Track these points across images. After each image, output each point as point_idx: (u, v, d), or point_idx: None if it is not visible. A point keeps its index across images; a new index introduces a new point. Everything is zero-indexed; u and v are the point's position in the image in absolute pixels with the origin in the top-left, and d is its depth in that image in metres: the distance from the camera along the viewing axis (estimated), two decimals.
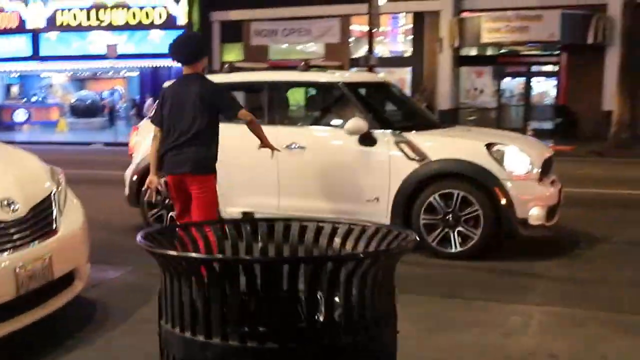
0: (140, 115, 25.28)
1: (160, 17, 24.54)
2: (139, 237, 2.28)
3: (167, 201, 7.05)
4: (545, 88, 22.81)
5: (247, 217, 6.39)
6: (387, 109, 7.32)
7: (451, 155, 6.26)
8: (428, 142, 6.37)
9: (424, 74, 21.80)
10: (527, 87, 22.43)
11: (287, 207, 6.69)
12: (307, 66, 6.97)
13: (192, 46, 4.97)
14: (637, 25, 18.70)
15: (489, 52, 22.49)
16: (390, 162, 6.35)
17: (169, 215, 7.07)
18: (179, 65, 4.92)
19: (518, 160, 6.22)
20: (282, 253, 2.54)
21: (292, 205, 6.68)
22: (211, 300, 2.10)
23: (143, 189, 6.62)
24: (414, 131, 6.52)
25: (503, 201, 6.07)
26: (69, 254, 4.30)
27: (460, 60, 22.25)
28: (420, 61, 22.26)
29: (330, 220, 2.60)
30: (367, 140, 6.40)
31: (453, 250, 6.16)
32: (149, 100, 25.07)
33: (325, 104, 7.10)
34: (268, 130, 6.62)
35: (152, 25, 24.61)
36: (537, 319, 4.64)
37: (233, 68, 7.06)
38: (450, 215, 6.17)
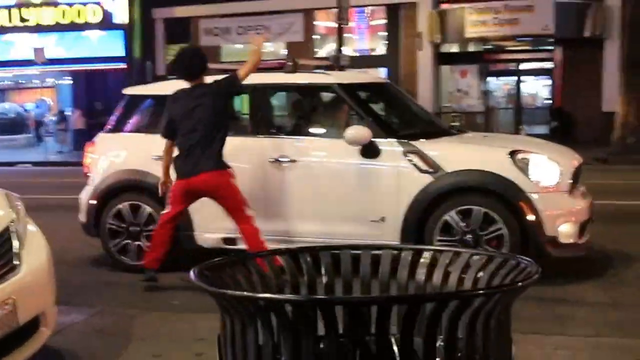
0: (66, 130, 24.80)
1: (94, 14, 24.18)
2: (192, 276, 2.12)
3: (132, 229, 6.95)
4: (537, 88, 23.11)
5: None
6: (390, 115, 7.24)
7: (469, 166, 6.22)
8: (441, 152, 6.32)
9: (401, 75, 21.86)
10: (518, 87, 22.68)
11: (277, 232, 6.56)
12: (295, 66, 6.85)
13: (196, 61, 6.07)
14: (638, 16, 19.05)
15: (474, 48, 22.72)
16: (399, 175, 6.28)
17: (135, 244, 6.95)
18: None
19: (546, 169, 6.19)
20: (369, 289, 2.41)
21: (283, 229, 6.57)
22: (282, 347, 1.98)
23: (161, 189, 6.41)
24: (423, 139, 6.47)
25: (530, 217, 6.03)
26: (34, 296, 4.09)
27: (442, 58, 22.41)
28: (396, 60, 22.34)
29: (408, 247, 2.47)
30: (370, 151, 6.32)
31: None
32: (76, 113, 24.61)
33: (319, 110, 7.03)
34: (252, 142, 6.62)
35: (86, 25, 24.23)
36: (587, 351, 4.56)
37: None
38: (470, 235, 6.11)
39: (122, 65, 23.98)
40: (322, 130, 6.88)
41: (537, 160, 6.19)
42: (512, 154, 6.18)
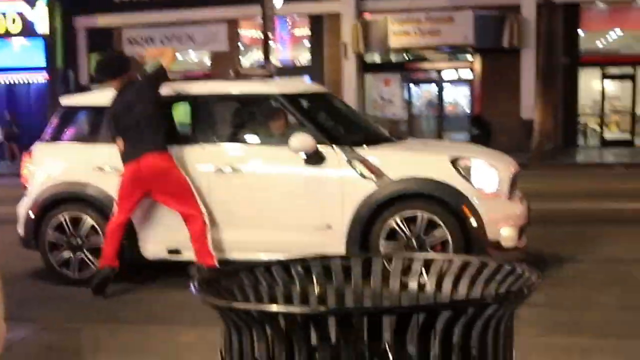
0: None
1: (13, 23, 23.50)
2: (193, 290, 2.07)
3: (73, 241, 6.79)
4: (458, 96, 23.53)
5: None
6: (332, 123, 7.25)
7: (413, 172, 6.27)
8: (384, 158, 6.36)
9: (326, 84, 21.96)
10: (439, 95, 23.04)
11: (222, 241, 6.51)
12: (238, 75, 6.82)
13: (116, 62, 6.71)
14: (552, 26, 19.72)
15: (397, 57, 22.99)
16: (343, 183, 6.30)
17: (77, 256, 6.79)
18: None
19: (487, 175, 6.30)
20: (362, 299, 2.39)
21: (228, 239, 6.52)
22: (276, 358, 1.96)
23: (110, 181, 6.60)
24: (365, 146, 6.49)
25: (472, 222, 6.12)
26: None
27: (365, 68, 22.64)
28: (321, 69, 22.43)
29: (399, 256, 2.46)
30: (314, 158, 6.32)
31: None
32: None
33: (261, 118, 6.98)
34: (194, 150, 6.54)
35: (7, 34, 23.59)
36: (537, 351, 4.65)
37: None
38: (415, 241, 6.16)
39: (44, 75, 23.41)
40: (265, 139, 6.85)
41: (478, 167, 6.29)
42: (454, 160, 6.27)
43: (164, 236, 6.63)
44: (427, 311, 1.95)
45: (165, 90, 6.69)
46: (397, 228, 6.18)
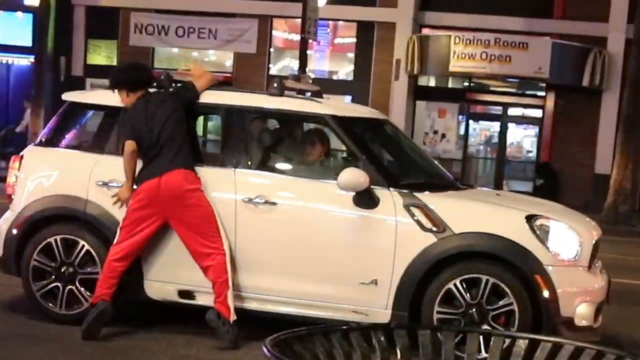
0: None
1: None
2: (265, 350, 2.12)
3: (64, 269, 6.83)
4: (523, 138, 23.50)
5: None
6: (390, 159, 7.37)
7: (480, 227, 6.34)
8: (449, 208, 6.45)
9: (370, 106, 22.07)
10: (502, 135, 22.93)
11: (245, 286, 6.58)
12: (282, 88, 6.93)
13: (142, 73, 7.06)
14: None
15: (456, 84, 23.12)
16: (397, 232, 6.36)
17: (66, 288, 6.83)
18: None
19: (566, 240, 6.35)
20: None
21: (253, 284, 6.59)
22: None
23: (113, 202, 6.71)
24: (427, 191, 6.59)
25: (545, 294, 6.17)
26: None
27: (418, 92, 22.67)
28: (365, 89, 22.41)
29: (497, 333, 2.50)
30: (366, 199, 6.40)
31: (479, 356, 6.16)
32: None
33: (307, 144, 7.09)
34: (223, 174, 6.65)
35: None
36: None
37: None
38: (475, 309, 6.22)
39: (29, 58, 23.33)
40: (308, 169, 6.95)
41: (558, 229, 6.34)
42: (530, 218, 6.33)
43: (175, 273, 6.69)
44: None
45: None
46: (455, 292, 6.23)
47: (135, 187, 6.57)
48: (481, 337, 2.68)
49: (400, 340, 2.48)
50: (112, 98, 7.00)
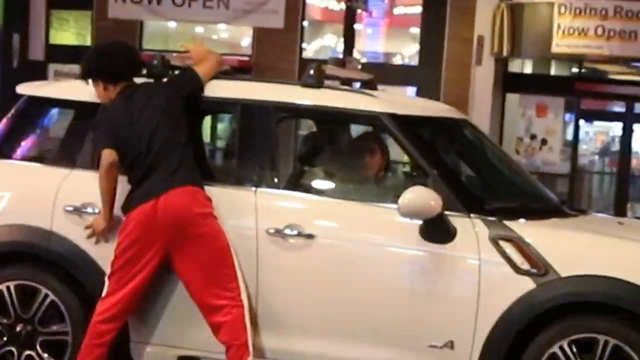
0: None
1: None
2: None
3: (20, 328, 6.89)
4: None
5: None
6: (471, 173, 7.36)
7: (597, 269, 6.30)
8: (553, 242, 6.46)
9: (443, 100, 21.87)
10: (626, 140, 22.67)
11: (271, 350, 6.65)
12: (320, 77, 6.97)
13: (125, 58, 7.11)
14: None
15: (561, 70, 23.01)
16: (481, 275, 6.37)
17: (23, 354, 6.90)
18: None
19: None
20: None
21: (282, 347, 6.65)
22: None
23: (87, 235, 6.82)
24: (523, 219, 6.60)
25: None
26: None
27: (509, 82, 22.50)
28: (435, 76, 22.34)
29: None
30: (437, 230, 6.43)
31: None
32: None
33: (354, 152, 7.12)
34: (239, 196, 6.73)
35: None
36: None
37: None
38: None
39: None
40: (358, 189, 7.01)
41: None
42: None
43: (175, 333, 6.76)
44: None
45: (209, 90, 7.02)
46: (562, 358, 6.21)
47: (121, 216, 6.65)
48: None
49: None
50: (86, 91, 7.07)
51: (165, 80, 7.01)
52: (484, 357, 6.32)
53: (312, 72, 7.01)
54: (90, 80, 6.91)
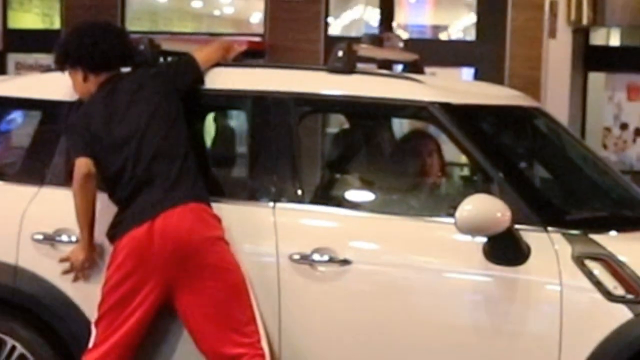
0: None
1: None
2: None
3: None
4: None
5: None
6: (546, 176, 7.37)
7: None
8: None
9: (509, 82, 21.97)
10: None
11: None
12: (352, 59, 7.01)
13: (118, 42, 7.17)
14: None
15: None
16: (563, 303, 6.37)
17: None
18: None
19: None
20: None
21: None
22: None
23: (62, 270, 6.85)
24: (614, 231, 6.61)
25: None
26: None
27: (591, 57, 22.50)
28: (498, 54, 22.42)
29: None
30: (506, 249, 6.44)
31: None
32: None
33: (399, 155, 7.12)
34: (254, 213, 6.77)
35: None
36: None
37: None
38: None
39: None
40: (403, 200, 7.04)
41: None
42: None
43: None
44: None
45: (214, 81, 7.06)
46: None
47: (106, 243, 6.70)
48: None
49: None
50: (56, 87, 7.14)
51: (155, 69, 7.03)
52: None
53: (340, 53, 7.04)
54: (67, 70, 6.92)
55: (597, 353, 6.28)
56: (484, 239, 6.42)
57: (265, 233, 6.74)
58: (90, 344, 6.60)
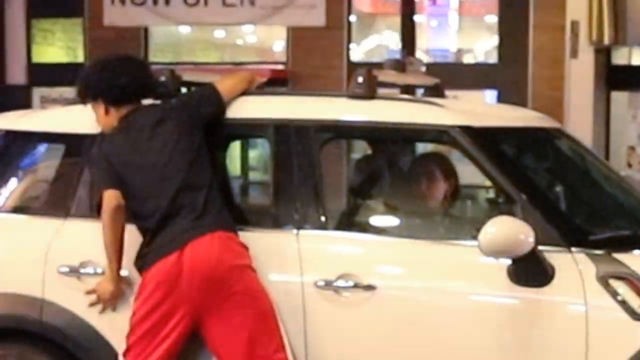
0: None
1: None
2: None
3: None
4: None
5: None
6: (570, 197, 7.36)
7: None
8: None
9: (532, 104, 21.95)
10: None
11: None
12: (372, 84, 7.00)
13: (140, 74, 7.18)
14: None
15: None
16: (589, 324, 6.35)
17: None
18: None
19: None
20: None
21: None
22: None
23: (89, 302, 6.84)
24: (637, 250, 6.59)
25: None
26: None
27: (613, 77, 22.45)
28: (521, 76, 22.37)
29: None
30: (530, 271, 6.42)
31: None
32: None
33: (422, 179, 7.16)
34: (278, 240, 6.80)
35: None
36: None
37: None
38: None
39: None
40: (427, 224, 7.04)
41: None
42: None
43: None
44: None
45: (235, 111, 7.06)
46: None
47: (132, 275, 6.70)
48: None
49: None
50: (79, 120, 7.15)
51: (176, 100, 7.04)
52: None
53: (360, 79, 7.03)
54: (89, 102, 6.94)
55: None
56: (509, 261, 6.42)
57: (289, 260, 6.75)
58: None
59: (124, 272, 6.78)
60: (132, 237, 6.72)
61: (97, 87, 6.89)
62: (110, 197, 6.60)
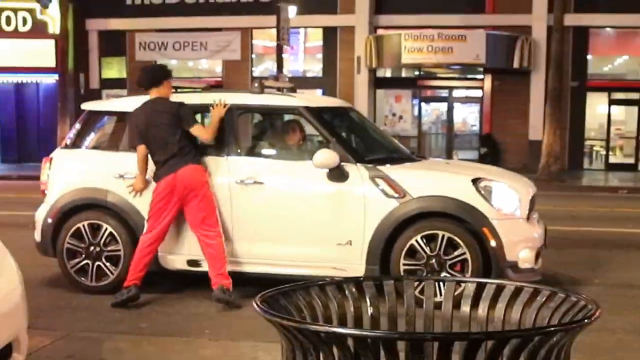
0: None
1: (24, 24, 23.53)
2: (257, 309, 2.08)
3: (91, 249, 6.77)
4: (468, 115, 23.56)
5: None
6: (355, 139, 7.30)
7: (434, 192, 6.30)
8: (407, 177, 6.38)
9: (339, 97, 21.97)
10: (450, 113, 23.05)
11: (243, 254, 6.53)
12: (262, 87, 6.84)
13: (150, 73, 6.69)
14: (562, 49, 19.74)
15: (408, 73, 23.04)
16: (365, 200, 6.31)
17: (95, 264, 6.77)
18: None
19: (507, 197, 6.34)
20: (414, 320, 2.41)
21: (249, 251, 6.53)
22: None
23: (129, 191, 6.62)
24: (388, 165, 6.53)
25: (492, 243, 6.16)
26: (7, 321, 3.83)
27: (377, 83, 22.64)
28: (333, 82, 22.44)
29: (451, 279, 2.49)
30: (337, 175, 6.34)
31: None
32: None
33: (285, 132, 7.02)
34: (216, 161, 6.55)
35: (16, 33, 23.53)
36: None
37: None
38: (435, 260, 6.18)
39: (54, 77, 23.28)
40: (288, 153, 6.90)
41: (499, 188, 6.34)
42: (475, 181, 6.31)
43: (183, 248, 6.62)
44: (498, 339, 1.98)
45: (190, 98, 6.82)
46: (417, 246, 6.21)
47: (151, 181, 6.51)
48: (437, 283, 2.70)
49: (369, 291, 2.46)
50: (122, 104, 6.94)
51: (177, 104, 6.56)
52: (370, 249, 6.29)
53: (257, 84, 6.89)
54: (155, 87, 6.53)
55: (382, 222, 6.26)
56: (327, 170, 6.33)
57: (223, 171, 6.57)
58: (145, 230, 6.43)
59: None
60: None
61: (159, 77, 6.64)
62: (140, 149, 6.43)
